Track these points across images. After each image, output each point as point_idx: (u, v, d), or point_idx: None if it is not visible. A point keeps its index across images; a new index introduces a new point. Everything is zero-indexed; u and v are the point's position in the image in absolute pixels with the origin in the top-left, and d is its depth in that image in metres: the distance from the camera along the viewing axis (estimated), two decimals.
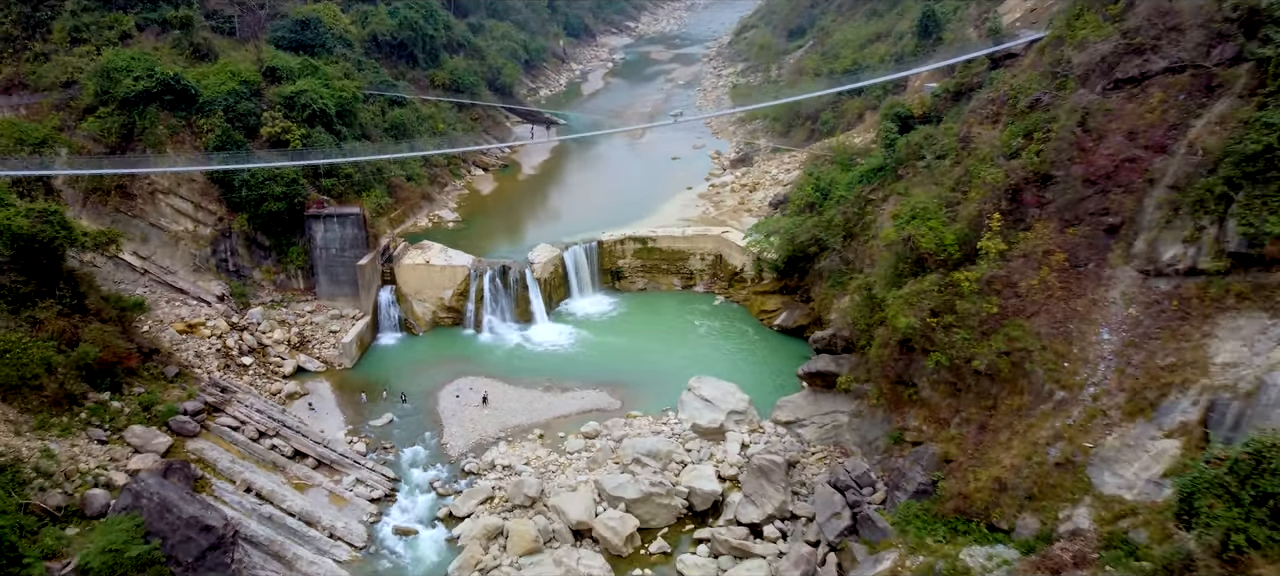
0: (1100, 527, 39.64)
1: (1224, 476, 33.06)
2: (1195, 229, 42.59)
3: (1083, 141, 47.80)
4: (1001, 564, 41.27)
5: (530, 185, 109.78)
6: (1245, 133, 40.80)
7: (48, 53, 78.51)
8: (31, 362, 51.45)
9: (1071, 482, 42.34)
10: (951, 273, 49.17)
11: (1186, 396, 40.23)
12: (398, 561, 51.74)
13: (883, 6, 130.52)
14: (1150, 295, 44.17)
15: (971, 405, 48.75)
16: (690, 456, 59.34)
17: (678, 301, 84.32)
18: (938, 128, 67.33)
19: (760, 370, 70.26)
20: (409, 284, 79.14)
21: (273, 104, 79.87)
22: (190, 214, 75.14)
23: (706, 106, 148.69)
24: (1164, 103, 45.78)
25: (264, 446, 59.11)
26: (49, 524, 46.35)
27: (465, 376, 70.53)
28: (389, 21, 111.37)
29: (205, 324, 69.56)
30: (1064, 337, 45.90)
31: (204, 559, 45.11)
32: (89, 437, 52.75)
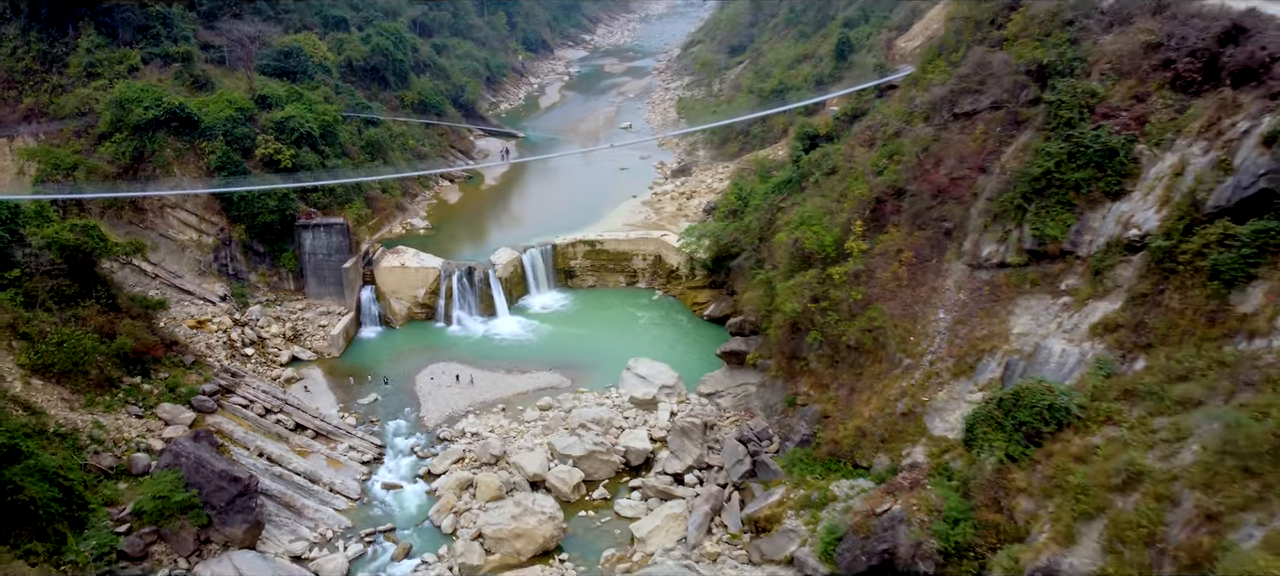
0: (931, 460, 51.79)
1: (994, 411, 45.53)
2: (1004, 232, 55.05)
3: (926, 163, 60.20)
4: (860, 491, 53.24)
5: (492, 195, 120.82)
6: (1034, 159, 53.33)
7: (64, 85, 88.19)
8: (80, 352, 61.79)
9: (913, 428, 54.60)
10: (828, 268, 61.31)
11: (994, 359, 52.63)
12: (387, 509, 62.80)
13: (810, 29, 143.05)
14: (974, 283, 56.59)
15: (844, 372, 60.88)
16: (627, 422, 70.92)
17: (622, 297, 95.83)
18: (833, 147, 79.53)
19: (690, 352, 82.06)
20: (387, 284, 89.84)
21: (265, 128, 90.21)
22: (195, 225, 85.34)
23: (654, 119, 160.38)
24: (985, 133, 58.29)
25: (270, 421, 69.81)
26: (104, 480, 56.92)
27: (438, 362, 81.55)
28: (362, 48, 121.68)
29: (212, 320, 79.96)
30: (911, 317, 58.23)
31: (233, 504, 55.86)
32: (128, 413, 63.27)
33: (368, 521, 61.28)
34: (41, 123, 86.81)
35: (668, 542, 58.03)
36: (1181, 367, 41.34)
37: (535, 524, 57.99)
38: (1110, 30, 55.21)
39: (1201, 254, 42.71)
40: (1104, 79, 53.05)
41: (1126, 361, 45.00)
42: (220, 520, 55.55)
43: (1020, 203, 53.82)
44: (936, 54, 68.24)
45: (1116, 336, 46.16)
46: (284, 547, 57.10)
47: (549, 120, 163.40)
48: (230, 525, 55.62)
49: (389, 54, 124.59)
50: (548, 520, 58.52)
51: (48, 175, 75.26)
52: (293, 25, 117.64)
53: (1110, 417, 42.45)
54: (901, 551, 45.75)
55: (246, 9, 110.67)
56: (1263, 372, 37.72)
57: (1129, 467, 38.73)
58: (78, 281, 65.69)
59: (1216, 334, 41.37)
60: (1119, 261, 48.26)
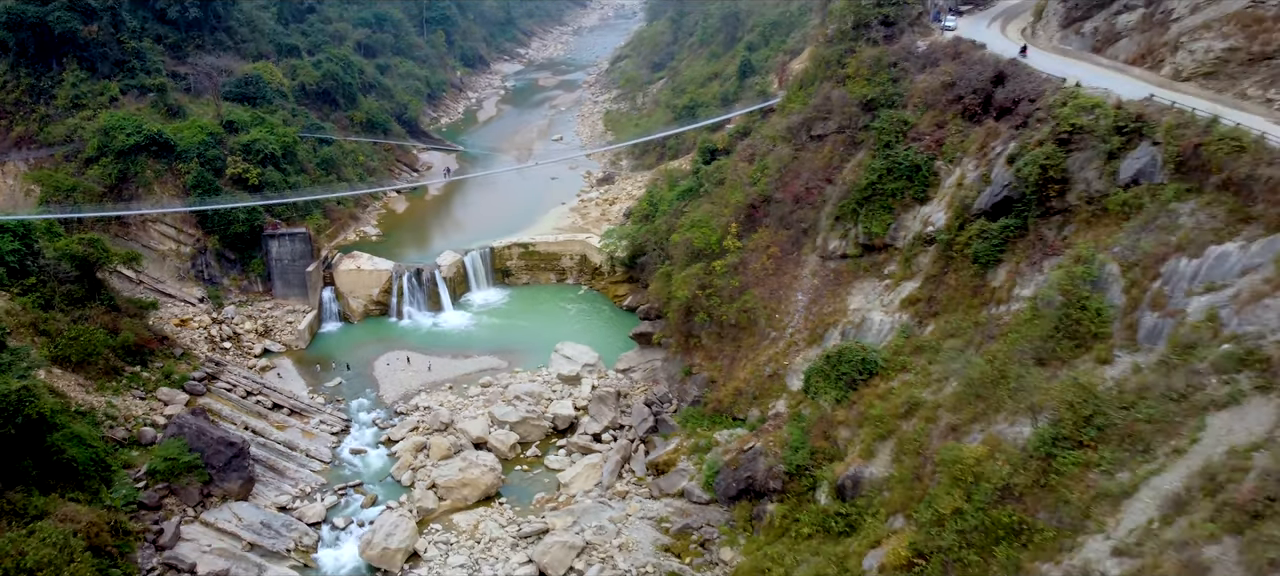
0: (789, 409, 65.47)
1: (824, 366, 59.47)
2: (845, 231, 69.18)
3: (787, 176, 74.17)
4: (736, 437, 66.78)
5: (435, 204, 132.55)
6: (864, 173, 67.52)
7: (52, 115, 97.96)
8: (91, 345, 72.65)
9: (776, 386, 68.41)
10: (712, 261, 74.94)
11: (836, 330, 66.64)
12: (355, 469, 74.76)
13: (720, 50, 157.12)
14: (824, 271, 70.67)
15: (727, 345, 74.53)
16: (555, 395, 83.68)
17: (552, 292, 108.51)
18: (726, 160, 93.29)
19: (609, 336, 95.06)
20: (345, 284, 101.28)
21: (233, 149, 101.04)
22: (174, 237, 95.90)
23: (584, 131, 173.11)
24: (831, 152, 72.45)
25: (251, 402, 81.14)
26: (119, 448, 68.01)
27: (393, 350, 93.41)
28: (314, 73, 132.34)
29: (193, 319, 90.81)
30: (776, 299, 72.14)
31: (230, 464, 67.40)
32: (133, 396, 74.29)
33: (340, 478, 73.22)
34: (31, 149, 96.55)
35: (587, 486, 71.04)
36: (952, 327, 55.83)
37: (479, 475, 70.54)
38: (923, 71, 69.73)
39: (968, 244, 57.21)
40: (915, 110, 67.56)
41: (921, 326, 59.37)
42: (219, 477, 67.07)
43: (855, 207, 68.02)
44: (799, 87, 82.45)
45: (916, 308, 60.58)
46: (272, 500, 68.78)
47: (487, 133, 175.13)
48: (227, 481, 67.21)
49: (338, 78, 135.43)
50: (489, 471, 71.13)
51: (50, 196, 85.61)
52: (250, 54, 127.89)
53: (904, 367, 56.78)
54: (759, 475, 59.47)
55: (209, 41, 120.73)
56: (999, 329, 52.28)
57: (910, 401, 53.05)
58: (85, 286, 76.39)
59: (977, 303, 55.90)
60: (920, 251, 62.71)
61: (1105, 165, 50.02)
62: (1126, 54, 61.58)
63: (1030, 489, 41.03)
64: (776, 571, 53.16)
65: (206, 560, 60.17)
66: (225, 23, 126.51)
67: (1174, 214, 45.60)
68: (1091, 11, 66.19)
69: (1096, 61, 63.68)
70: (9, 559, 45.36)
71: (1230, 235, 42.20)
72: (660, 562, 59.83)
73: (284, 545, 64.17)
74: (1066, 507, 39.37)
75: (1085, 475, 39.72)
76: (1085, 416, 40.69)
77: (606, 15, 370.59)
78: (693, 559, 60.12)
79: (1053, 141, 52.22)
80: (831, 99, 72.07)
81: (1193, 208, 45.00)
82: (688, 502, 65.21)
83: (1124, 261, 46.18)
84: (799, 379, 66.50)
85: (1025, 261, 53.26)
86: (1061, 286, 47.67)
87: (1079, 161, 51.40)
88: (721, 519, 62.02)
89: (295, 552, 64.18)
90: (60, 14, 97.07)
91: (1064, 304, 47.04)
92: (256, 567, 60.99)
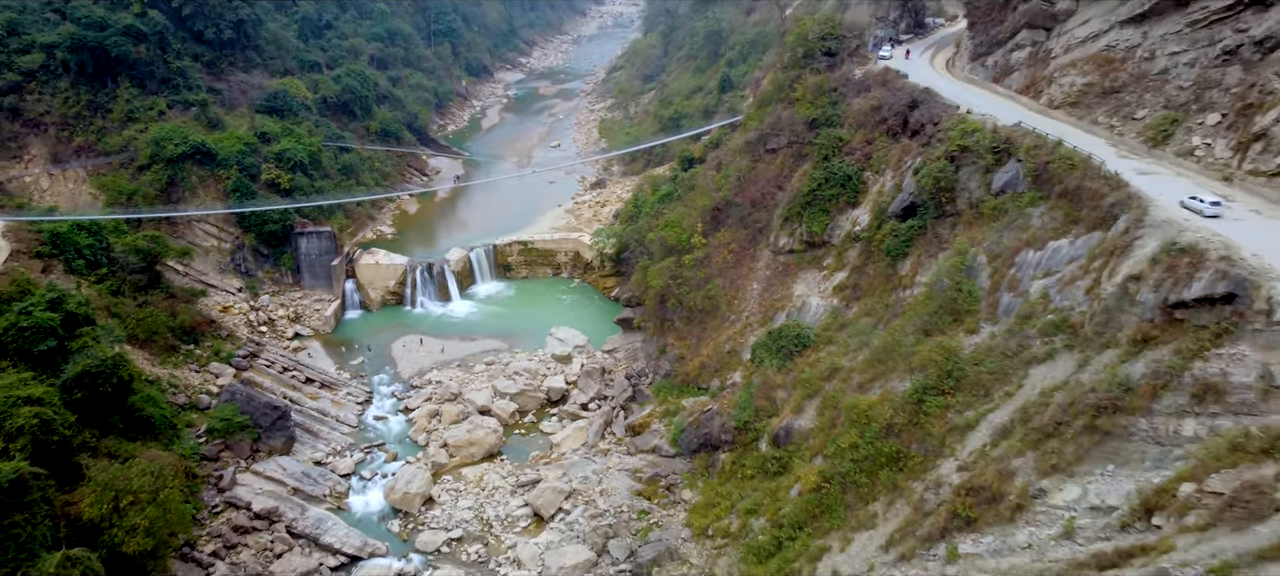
0: (743, 379, 77.20)
1: (767, 341, 71.37)
2: (792, 230, 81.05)
3: (746, 183, 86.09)
4: (699, 402, 78.60)
5: (444, 205, 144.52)
6: (808, 182, 79.42)
7: (108, 127, 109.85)
8: (155, 325, 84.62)
9: (734, 360, 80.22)
10: (682, 256, 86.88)
11: (784, 312, 78.51)
12: (378, 432, 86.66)
13: (705, 64, 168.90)
14: (775, 264, 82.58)
15: (694, 327, 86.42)
16: (550, 371, 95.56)
17: (548, 284, 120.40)
18: (700, 168, 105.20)
19: (598, 322, 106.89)
20: (365, 277, 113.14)
21: (267, 157, 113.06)
22: (216, 234, 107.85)
23: (580, 138, 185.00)
24: (782, 164, 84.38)
25: (287, 376, 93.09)
26: (181, 411, 79.93)
27: (408, 334, 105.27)
28: (334, 87, 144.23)
29: (233, 307, 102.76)
30: (735, 288, 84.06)
31: (274, 425, 79.37)
32: (189, 369, 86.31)
33: (365, 439, 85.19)
34: (90, 157, 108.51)
35: (575, 445, 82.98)
36: (868, 309, 67.80)
37: (483, 436, 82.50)
38: (858, 95, 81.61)
39: (884, 241, 69.10)
40: (850, 129, 79.46)
41: (847, 307, 71.31)
42: (266, 436, 79.06)
43: (800, 210, 79.93)
44: (758, 107, 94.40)
45: (844, 293, 72.51)
46: (309, 455, 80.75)
47: (490, 140, 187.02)
48: (273, 439, 79.21)
49: (356, 91, 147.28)
50: (492, 433, 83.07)
51: (115, 199, 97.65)
52: (277, 70, 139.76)
53: (831, 340, 68.70)
54: (714, 431, 71.39)
55: (241, 59, 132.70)
56: (902, 308, 64.20)
57: (832, 367, 64.97)
58: (147, 276, 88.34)
59: (888, 288, 67.83)
60: (850, 247, 74.62)
61: (983, 177, 61.99)
62: (1017, 85, 73.54)
63: (906, 426, 53.10)
64: (724, 505, 65.25)
65: (259, 500, 72.11)
66: (254, 41, 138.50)
67: (1028, 216, 57.55)
68: (993, 48, 78.17)
69: (995, 90, 75.71)
70: (118, 484, 57.25)
71: (1064, 233, 54.12)
72: (633, 503, 71.81)
73: (321, 491, 76.14)
74: (930, 438, 51.47)
75: (945, 415, 51.79)
76: (947, 371, 52.75)
77: (605, 24, 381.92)
78: (660, 500, 72.06)
79: (945, 158, 64.16)
80: (782, 118, 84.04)
81: (1042, 211, 56.94)
82: (658, 456, 77.09)
83: (990, 254, 58.17)
84: (751, 354, 78.44)
85: (924, 255, 65.22)
86: (947, 274, 59.72)
87: (965, 174, 63.35)
88: (685, 468, 73.89)
89: (330, 498, 76.05)
90: (116, 38, 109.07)
91: (948, 288, 59.05)
92: (300, 507, 72.91)
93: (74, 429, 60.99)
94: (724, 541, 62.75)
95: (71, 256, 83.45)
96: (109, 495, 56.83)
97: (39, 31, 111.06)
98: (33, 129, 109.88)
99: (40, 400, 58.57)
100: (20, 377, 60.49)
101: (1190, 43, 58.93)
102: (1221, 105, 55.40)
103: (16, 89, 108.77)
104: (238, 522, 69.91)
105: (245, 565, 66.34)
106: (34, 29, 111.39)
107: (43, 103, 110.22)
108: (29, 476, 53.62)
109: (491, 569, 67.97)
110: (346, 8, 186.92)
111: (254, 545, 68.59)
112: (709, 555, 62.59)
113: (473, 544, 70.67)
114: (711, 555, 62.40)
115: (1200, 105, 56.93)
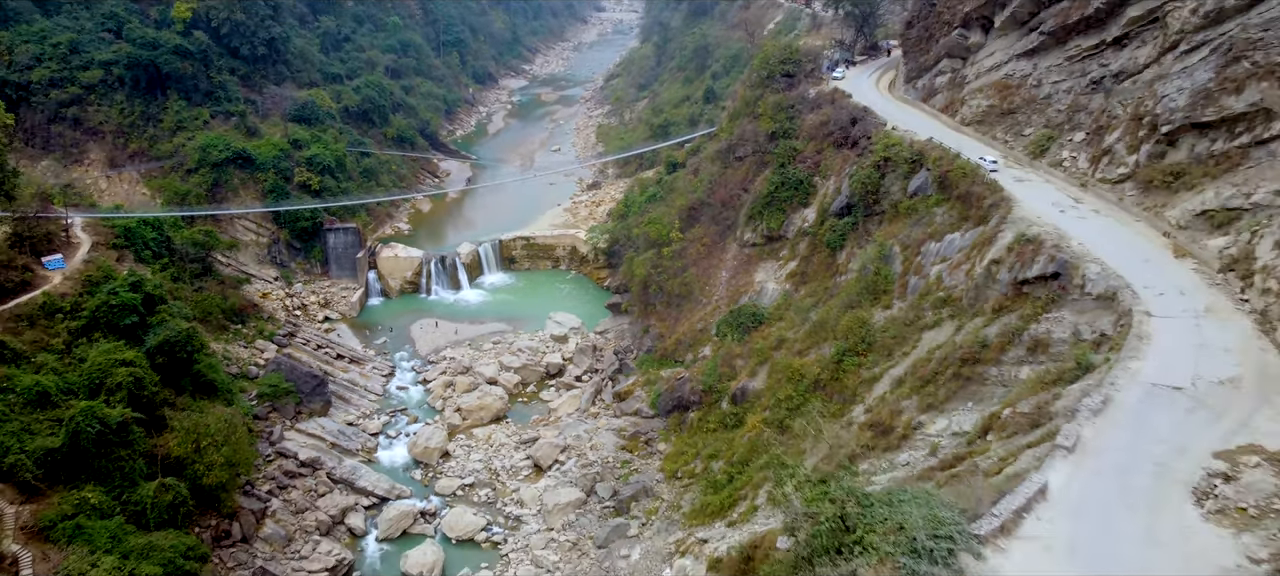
0: (712, 352, 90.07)
1: (728, 319, 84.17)
2: (755, 227, 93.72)
3: (717, 186, 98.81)
4: (675, 372, 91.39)
5: (454, 205, 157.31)
6: (767, 185, 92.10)
7: (158, 135, 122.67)
8: (210, 307, 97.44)
9: (705, 337, 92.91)
10: (662, 249, 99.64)
11: (747, 296, 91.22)
12: (400, 399, 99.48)
13: (693, 75, 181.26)
14: (740, 256, 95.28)
15: (672, 310, 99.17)
16: (548, 349, 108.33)
17: (548, 275, 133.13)
18: (681, 172, 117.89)
19: (591, 308, 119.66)
20: (385, 268, 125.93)
21: (299, 162, 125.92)
22: (254, 230, 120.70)
23: (579, 142, 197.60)
24: (747, 170, 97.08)
25: (320, 353, 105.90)
26: (234, 379, 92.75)
27: (424, 318, 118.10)
28: (354, 97, 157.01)
29: (271, 293, 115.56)
30: (707, 276, 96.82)
31: (314, 391, 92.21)
32: (238, 345, 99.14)
33: (389, 405, 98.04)
34: (143, 162, 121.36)
35: (569, 410, 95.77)
36: (812, 291, 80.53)
37: (492, 401, 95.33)
38: (811, 112, 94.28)
39: (825, 235, 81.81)
40: (803, 140, 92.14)
41: (796, 291, 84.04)
42: (307, 400, 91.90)
43: (761, 209, 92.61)
44: (730, 120, 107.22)
45: (794, 279, 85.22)
46: (343, 417, 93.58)
47: (496, 144, 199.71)
48: (313, 403, 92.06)
49: (374, 100, 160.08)
50: (499, 400, 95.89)
51: (171, 199, 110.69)
52: (304, 82, 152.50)
53: (780, 317, 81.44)
54: (685, 394, 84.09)
55: (272, 72, 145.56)
56: (837, 290, 76.92)
57: (779, 338, 77.61)
58: (201, 265, 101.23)
59: (828, 275, 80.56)
60: (800, 240, 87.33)
61: (902, 182, 74.71)
62: (939, 105, 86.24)
63: (829, 381, 65.91)
64: (691, 453, 78.03)
65: (303, 451, 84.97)
66: (284, 56, 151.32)
67: (933, 215, 70.28)
68: (922, 73, 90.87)
69: (922, 108, 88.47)
70: (198, 429, 70.03)
71: (957, 227, 66.81)
72: (618, 455, 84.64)
73: (354, 446, 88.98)
74: (845, 390, 64.26)
75: (858, 371, 64.59)
76: (861, 337, 65.54)
77: (604, 31, 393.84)
78: (640, 452, 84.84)
79: (873, 166, 76.91)
80: (748, 131, 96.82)
81: (943, 211, 69.66)
82: (639, 418, 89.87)
83: (903, 244, 70.92)
84: (719, 332, 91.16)
85: (856, 246, 78.00)
86: (871, 262, 72.48)
87: (888, 180, 76.11)
88: (661, 426, 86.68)
89: (362, 452, 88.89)
90: (166, 56, 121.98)
91: (871, 273, 71.80)
92: (338, 458, 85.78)
93: (158, 387, 73.89)
94: (690, 481, 75.54)
95: (140, 248, 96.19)
96: (191, 437, 69.64)
97: (97, 50, 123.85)
98: (92, 136, 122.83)
99: (132, 363, 71.39)
100: (114, 345, 73.30)
101: (1067, 73, 71.62)
102: (1085, 125, 68.13)
103: (78, 101, 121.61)
104: (287, 469, 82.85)
105: (295, 502, 79.31)
106: (93, 48, 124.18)
107: (101, 113, 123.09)
108: (130, 420, 66.59)
109: (499, 508, 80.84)
110: (363, 22, 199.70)
111: (301, 487, 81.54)
112: (677, 492, 75.38)
113: (482, 488, 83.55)
114: (680, 491, 75.19)
115: (1071, 125, 69.67)
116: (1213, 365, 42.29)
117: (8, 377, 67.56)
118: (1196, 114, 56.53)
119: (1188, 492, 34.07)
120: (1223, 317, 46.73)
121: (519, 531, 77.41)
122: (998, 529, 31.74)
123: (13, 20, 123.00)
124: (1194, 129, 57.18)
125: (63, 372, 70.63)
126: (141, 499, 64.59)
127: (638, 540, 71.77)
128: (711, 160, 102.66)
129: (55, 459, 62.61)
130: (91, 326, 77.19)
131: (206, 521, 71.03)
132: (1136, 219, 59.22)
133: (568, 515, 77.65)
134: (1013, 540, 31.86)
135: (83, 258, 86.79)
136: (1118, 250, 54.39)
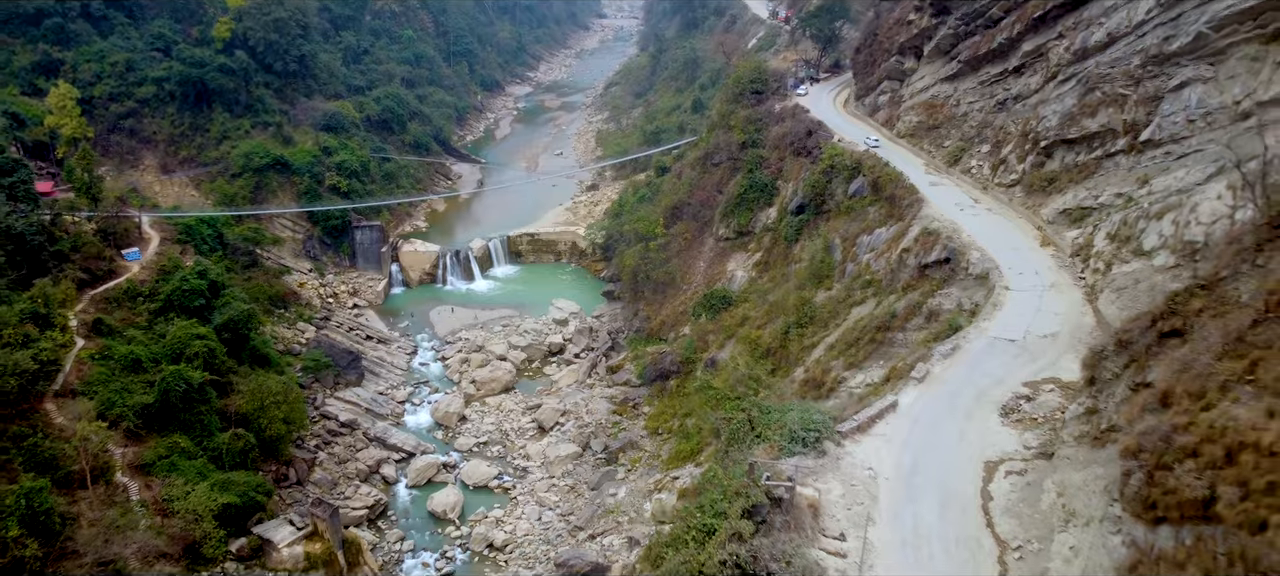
0: (691, 331, 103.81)
1: (702, 301, 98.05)
2: (728, 223, 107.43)
3: (696, 188, 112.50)
4: (660, 348, 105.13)
5: (466, 205, 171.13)
6: (738, 188, 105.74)
7: (206, 144, 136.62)
8: (258, 294, 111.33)
9: (686, 319, 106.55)
10: (650, 243, 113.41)
11: (720, 282, 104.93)
12: (422, 373, 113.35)
13: (684, 85, 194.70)
14: (716, 248, 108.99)
15: (658, 296, 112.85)
16: (551, 331, 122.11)
17: (551, 268, 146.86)
18: (668, 176, 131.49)
19: (589, 296, 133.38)
20: (406, 261, 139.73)
21: (329, 167, 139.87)
22: (290, 228, 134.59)
23: (579, 147, 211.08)
24: (722, 174, 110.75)
25: (352, 335, 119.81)
26: (281, 356, 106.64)
27: (441, 304, 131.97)
28: (375, 106, 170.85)
29: (307, 283, 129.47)
30: (688, 266, 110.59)
31: (350, 365, 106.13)
32: (282, 327, 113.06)
33: (413, 378, 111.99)
34: (192, 167, 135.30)
35: (569, 382, 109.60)
36: (771, 277, 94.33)
37: (501, 375, 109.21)
38: (776, 124, 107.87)
39: (784, 230, 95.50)
40: (769, 149, 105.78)
41: (760, 277, 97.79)
42: (344, 373, 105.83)
43: (733, 208, 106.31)
44: (708, 131, 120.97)
45: (759, 267, 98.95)
46: (375, 388, 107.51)
47: (503, 149, 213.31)
48: (349, 375, 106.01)
49: (393, 110, 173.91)
50: (508, 373, 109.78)
51: (221, 201, 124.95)
52: (330, 94, 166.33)
53: (746, 299, 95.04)
54: (667, 365, 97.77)
55: (302, 86, 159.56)
56: (791, 277, 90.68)
57: (744, 317, 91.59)
58: (250, 258, 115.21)
59: (785, 263, 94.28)
60: (765, 234, 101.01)
61: (844, 186, 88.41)
62: (882, 119, 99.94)
63: (777, 350, 79.64)
64: (670, 413, 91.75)
65: (343, 414, 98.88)
66: (312, 71, 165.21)
67: (867, 213, 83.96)
68: (868, 92, 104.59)
69: (869, 122, 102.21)
70: (261, 390, 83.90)
71: (884, 223, 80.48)
72: (610, 418, 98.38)
73: (385, 411, 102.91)
74: (790, 357, 78.03)
75: (801, 341, 78.32)
76: (805, 314, 79.26)
77: (606, 38, 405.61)
78: (628, 415, 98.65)
79: (821, 172, 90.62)
80: (722, 140, 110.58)
81: (875, 209, 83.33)
82: (628, 387, 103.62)
83: (843, 238, 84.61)
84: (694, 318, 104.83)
85: (807, 239, 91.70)
86: (817, 252, 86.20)
87: (834, 184, 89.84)
88: (646, 393, 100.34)
89: (392, 416, 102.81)
90: (212, 73, 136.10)
91: (817, 261, 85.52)
92: (372, 420, 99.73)
93: (225, 357, 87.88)
94: (669, 435, 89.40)
95: (198, 243, 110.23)
96: (256, 397, 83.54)
97: (150, 67, 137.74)
98: (146, 144, 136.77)
99: (205, 337, 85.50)
100: (189, 322, 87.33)
101: (979, 95, 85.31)
102: (990, 139, 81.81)
103: (134, 113, 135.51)
104: (330, 428, 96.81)
105: (338, 454, 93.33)
106: (145, 66, 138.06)
107: (154, 124, 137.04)
108: (206, 382, 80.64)
109: (508, 461, 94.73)
110: (380, 35, 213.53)
111: (342, 443, 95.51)
112: (658, 444, 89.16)
113: (494, 445, 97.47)
114: (660, 444, 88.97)
115: (980, 138, 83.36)
116: (1042, 324, 56.04)
117: (107, 347, 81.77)
118: (1064, 132, 70.24)
119: (997, 408, 47.81)
120: (1062, 292, 60.44)
121: (525, 479, 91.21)
122: (855, 428, 45.55)
123: (75, 41, 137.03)
124: (1064, 144, 70.89)
125: (148, 344, 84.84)
126: (218, 445, 78.48)
127: (624, 482, 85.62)
128: (692, 166, 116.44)
129: (150, 411, 76.55)
130: (167, 307, 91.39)
131: (268, 467, 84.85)
132: (1020, 216, 72.95)
133: (566, 465, 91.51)
134: (866, 436, 45.66)
135: (154, 250, 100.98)
136: (998, 240, 68.14)
